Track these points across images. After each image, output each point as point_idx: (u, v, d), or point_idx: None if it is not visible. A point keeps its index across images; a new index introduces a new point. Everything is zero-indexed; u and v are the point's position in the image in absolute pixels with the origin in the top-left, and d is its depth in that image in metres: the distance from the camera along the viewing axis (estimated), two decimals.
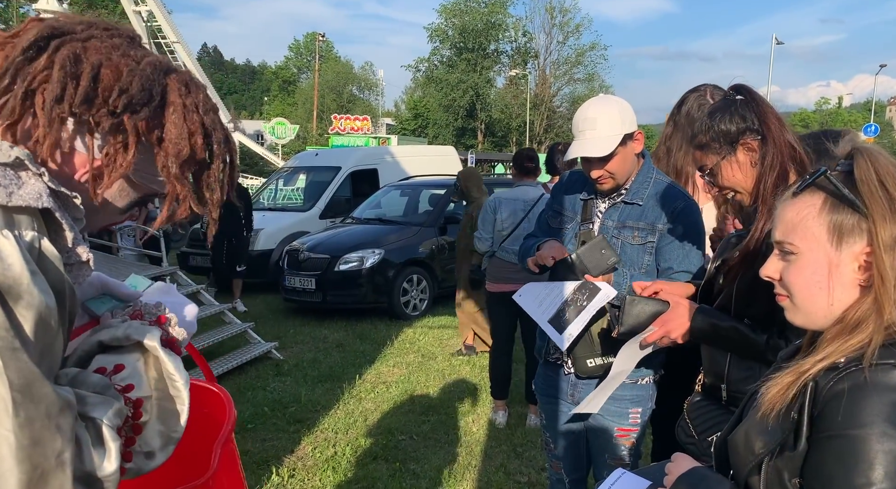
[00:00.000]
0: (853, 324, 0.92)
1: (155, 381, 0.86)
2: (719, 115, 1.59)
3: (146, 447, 0.85)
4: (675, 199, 2.01)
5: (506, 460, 3.63)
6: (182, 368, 0.87)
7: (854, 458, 0.84)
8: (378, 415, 4.32)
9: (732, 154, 1.57)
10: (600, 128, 1.95)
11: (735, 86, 1.65)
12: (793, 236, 0.98)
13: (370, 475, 3.44)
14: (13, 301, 0.66)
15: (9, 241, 0.68)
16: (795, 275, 0.98)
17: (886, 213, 0.91)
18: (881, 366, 0.87)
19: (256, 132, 35.74)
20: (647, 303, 1.68)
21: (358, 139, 28.04)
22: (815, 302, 0.97)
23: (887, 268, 0.90)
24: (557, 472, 2.28)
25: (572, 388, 2.12)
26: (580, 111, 2.03)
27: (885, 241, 0.90)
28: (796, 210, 0.98)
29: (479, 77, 43.40)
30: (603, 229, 2.06)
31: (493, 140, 45.60)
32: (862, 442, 0.83)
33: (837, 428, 0.86)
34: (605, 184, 2.03)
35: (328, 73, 49.31)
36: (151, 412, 0.85)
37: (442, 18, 44.18)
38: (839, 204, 0.94)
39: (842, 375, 0.88)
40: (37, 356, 0.68)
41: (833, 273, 0.95)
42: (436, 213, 7.94)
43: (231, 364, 4.97)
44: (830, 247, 0.94)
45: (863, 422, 0.84)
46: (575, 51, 44.17)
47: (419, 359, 5.61)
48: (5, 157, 0.73)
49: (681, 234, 1.98)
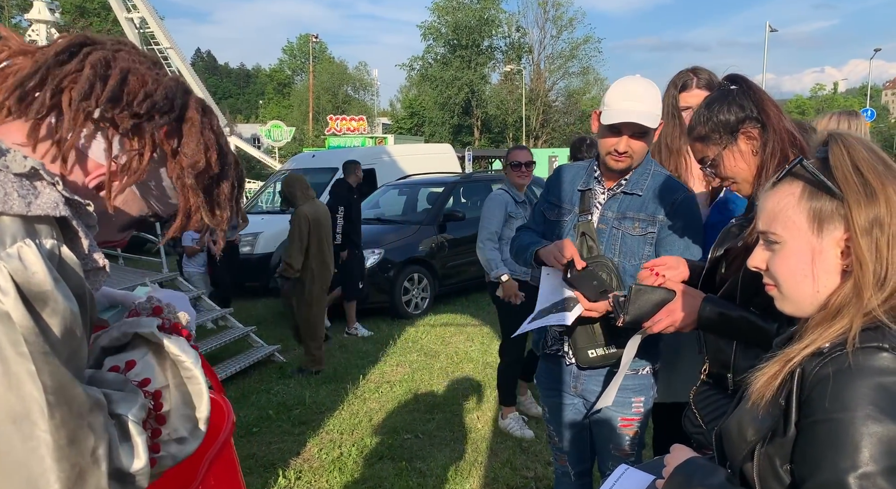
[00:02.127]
0: (835, 310, 0.93)
1: (170, 368, 0.88)
2: (717, 105, 1.58)
3: (175, 434, 0.87)
4: (674, 191, 2.01)
5: (511, 456, 3.64)
6: (188, 348, 0.89)
7: (840, 442, 0.84)
8: (383, 414, 4.32)
9: (734, 143, 1.56)
10: (647, 102, 1.94)
11: (729, 76, 1.64)
12: (775, 225, 0.98)
13: (377, 475, 3.44)
14: (40, 307, 0.69)
15: (31, 250, 0.70)
16: (780, 264, 0.99)
17: (861, 197, 0.91)
18: (865, 350, 0.87)
19: (253, 136, 35.72)
20: (653, 292, 1.67)
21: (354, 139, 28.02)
22: (801, 290, 0.97)
23: (864, 252, 0.91)
24: (563, 465, 2.28)
25: (574, 380, 2.12)
26: (621, 85, 1.98)
27: (860, 225, 0.91)
28: (776, 199, 0.99)
29: (473, 74, 43.35)
30: (603, 220, 2.06)
31: (489, 136, 45.56)
32: (847, 425, 0.84)
33: (823, 412, 0.87)
34: (623, 162, 1.99)
35: (323, 75, 49.27)
36: (171, 400, 0.87)
37: (435, 16, 44.18)
38: (817, 191, 0.95)
39: (826, 360, 0.89)
40: (65, 359, 0.71)
41: (816, 260, 0.95)
42: (435, 211, 7.94)
43: (234, 368, 4.98)
44: (812, 234, 0.95)
45: (848, 405, 0.85)
46: (569, 44, 44.18)
47: (422, 357, 5.62)
48: (20, 167, 0.74)
49: (681, 225, 1.98)
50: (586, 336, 2.01)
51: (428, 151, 12.80)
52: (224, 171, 0.92)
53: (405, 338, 6.28)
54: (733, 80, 1.63)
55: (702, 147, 1.62)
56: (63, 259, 0.74)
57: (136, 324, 0.89)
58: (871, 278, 0.90)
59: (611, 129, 1.97)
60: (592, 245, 2.03)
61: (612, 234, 2.03)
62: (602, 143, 2.02)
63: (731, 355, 1.59)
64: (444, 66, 43.97)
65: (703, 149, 1.62)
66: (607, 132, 1.99)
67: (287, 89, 57.91)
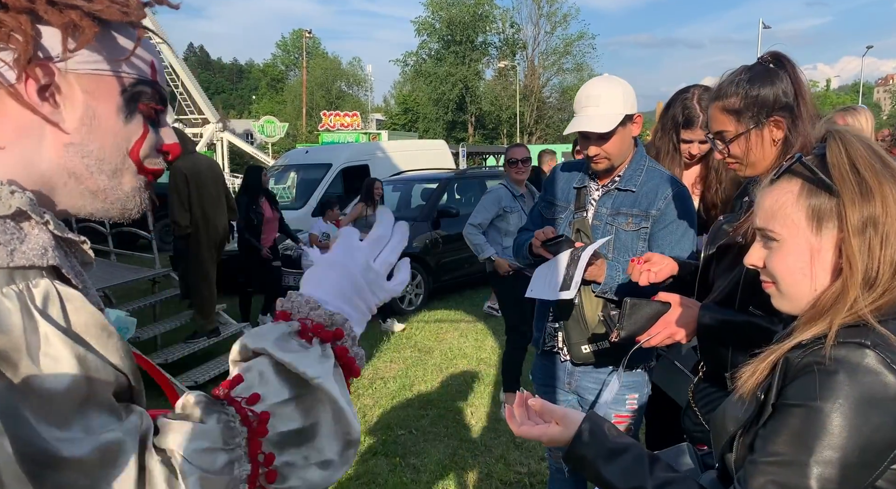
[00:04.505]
0: (821, 309, 0.93)
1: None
2: (759, 82, 1.50)
3: (317, 457, 0.70)
4: (667, 186, 2.02)
5: (505, 451, 3.65)
6: (321, 359, 0.72)
7: (807, 427, 0.86)
8: (377, 410, 4.33)
9: (762, 126, 1.50)
10: (603, 105, 1.95)
11: (775, 54, 1.55)
12: (773, 223, 0.98)
13: (371, 471, 3.45)
14: (10, 369, 0.57)
15: (9, 301, 0.58)
16: (778, 262, 0.98)
17: (856, 195, 0.91)
18: (846, 345, 0.88)
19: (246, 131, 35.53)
20: (647, 305, 1.65)
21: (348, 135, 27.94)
22: (799, 288, 0.97)
23: (855, 252, 0.90)
24: (557, 461, 2.29)
25: (569, 377, 2.13)
26: (583, 88, 2.03)
27: (853, 224, 0.90)
28: (775, 197, 0.98)
29: (467, 70, 43.29)
30: (597, 216, 2.07)
31: (483, 133, 45.53)
32: (817, 414, 0.86)
33: (797, 398, 0.89)
34: (601, 164, 2.02)
35: (316, 70, 49.08)
36: (318, 415, 0.70)
37: (429, 11, 44.05)
38: (816, 188, 0.95)
39: (809, 352, 0.90)
40: (59, 413, 0.58)
41: (815, 258, 0.95)
42: (428, 208, 7.93)
43: (228, 365, 4.95)
44: (810, 232, 0.95)
45: (822, 396, 0.86)
46: (563, 41, 44.13)
47: (416, 353, 5.62)
48: (5, 208, 0.63)
49: (673, 220, 1.99)
50: (579, 332, 2.02)
51: (422, 147, 12.78)
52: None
53: (399, 334, 6.28)
54: (778, 60, 1.54)
55: (725, 119, 1.54)
56: (63, 297, 0.63)
57: (257, 337, 0.72)
58: (860, 278, 0.90)
59: (581, 136, 2.01)
60: (587, 241, 2.04)
61: (605, 230, 2.04)
62: (580, 146, 2.07)
63: (728, 353, 1.58)
64: (438, 61, 43.89)
65: (725, 121, 1.54)
66: (580, 138, 2.03)
67: (280, 85, 57.65)
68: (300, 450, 0.69)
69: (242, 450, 0.66)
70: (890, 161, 0.94)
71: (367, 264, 0.81)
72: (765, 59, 1.56)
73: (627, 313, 1.65)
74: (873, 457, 0.84)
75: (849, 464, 0.84)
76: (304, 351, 0.71)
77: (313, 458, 0.70)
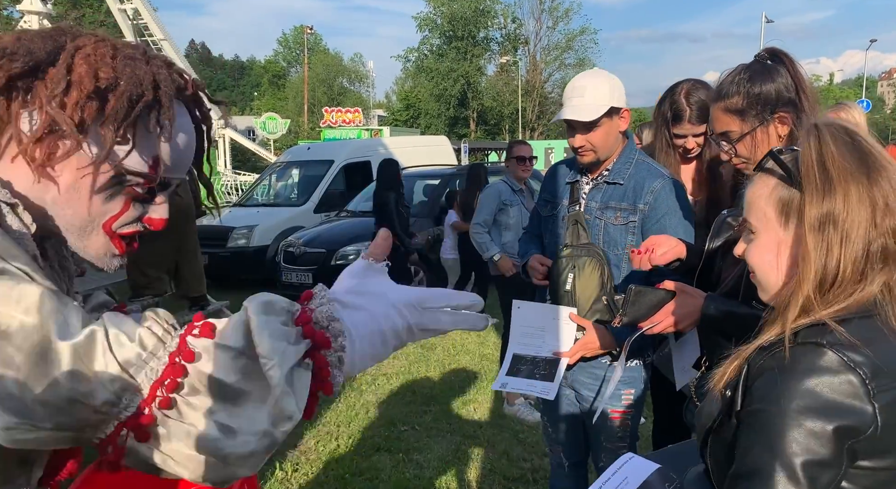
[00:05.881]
0: (782, 306, 0.93)
1: None
2: (760, 79, 1.49)
3: (224, 419, 0.68)
4: (654, 179, 2.01)
5: (508, 447, 3.65)
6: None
7: (769, 432, 0.86)
8: (380, 407, 4.33)
9: (767, 123, 1.49)
10: (588, 96, 1.97)
11: (771, 50, 1.55)
12: (750, 215, 0.99)
13: (374, 467, 3.45)
14: None
15: None
16: (754, 254, 1.00)
17: (816, 191, 0.89)
18: (804, 346, 0.87)
19: (248, 128, 35.56)
20: (652, 293, 1.64)
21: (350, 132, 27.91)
22: (769, 281, 0.98)
23: (810, 248, 0.89)
24: (557, 456, 2.30)
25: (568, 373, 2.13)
26: (571, 81, 2.08)
27: (810, 220, 0.89)
28: (753, 190, 1.00)
29: (469, 65, 43.21)
30: (587, 210, 2.07)
31: (485, 129, 45.47)
32: (778, 417, 0.85)
33: (759, 402, 0.89)
34: (586, 156, 2.03)
35: (318, 66, 49.07)
36: None
37: (430, 7, 43.94)
38: (788, 184, 0.95)
39: (769, 354, 0.90)
40: None
41: (781, 253, 0.95)
42: (430, 204, 7.93)
43: None
44: (779, 226, 0.95)
45: (780, 398, 0.86)
46: (565, 36, 44.03)
47: (419, 349, 5.63)
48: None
49: (664, 213, 1.98)
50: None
51: (424, 143, 12.76)
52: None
53: None
54: (775, 55, 1.53)
55: (729, 120, 1.53)
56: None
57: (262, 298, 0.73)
58: (812, 275, 0.89)
59: (567, 127, 2.04)
60: (583, 233, 2.06)
61: (595, 224, 2.05)
62: (567, 138, 2.09)
63: (731, 348, 1.58)
64: (440, 57, 43.81)
65: (729, 121, 1.53)
66: (567, 129, 2.06)
67: (282, 81, 57.64)
68: (214, 402, 0.68)
69: (159, 361, 0.68)
70: (875, 159, 0.91)
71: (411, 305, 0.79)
72: (762, 56, 1.55)
73: (632, 300, 1.65)
74: (835, 457, 0.84)
75: (813, 464, 0.83)
76: (280, 328, 0.70)
77: (219, 418, 0.68)
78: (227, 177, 24.04)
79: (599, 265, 1.98)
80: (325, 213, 8.92)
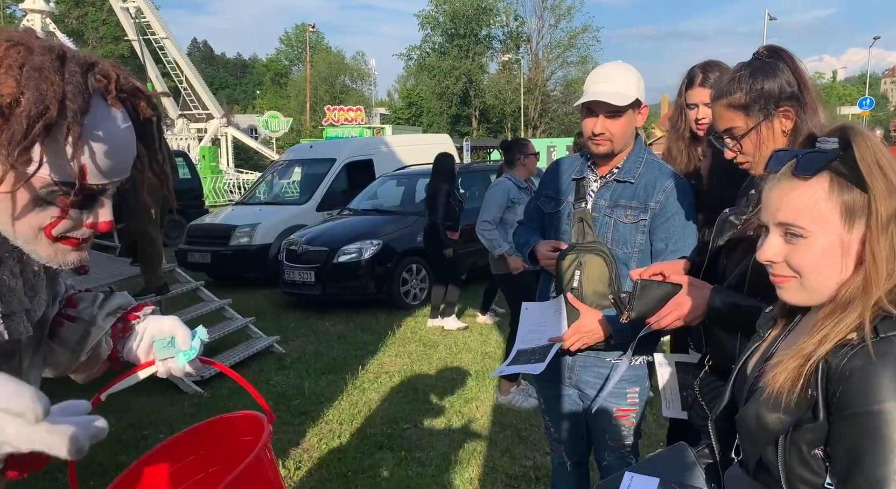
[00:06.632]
0: (844, 303, 0.93)
1: None
2: (762, 75, 1.49)
3: None
4: (666, 178, 2.01)
5: (510, 445, 3.65)
6: None
7: (879, 433, 0.85)
8: (382, 404, 4.34)
9: (772, 119, 1.49)
10: (617, 83, 1.98)
11: (771, 47, 1.55)
12: (802, 219, 0.97)
13: (376, 464, 3.46)
14: None
15: None
16: (805, 257, 0.98)
17: (885, 191, 0.92)
18: (890, 339, 0.88)
19: (250, 126, 35.57)
20: (658, 286, 1.63)
21: (352, 130, 27.93)
22: (826, 282, 0.97)
23: (881, 247, 0.91)
24: (559, 455, 2.29)
25: (570, 371, 2.13)
26: (597, 68, 2.07)
27: (882, 219, 0.92)
28: (801, 192, 0.97)
29: (471, 63, 43.18)
30: (596, 208, 2.06)
31: (487, 127, 45.46)
32: (884, 416, 0.85)
33: (857, 405, 0.87)
34: (602, 145, 2.01)
35: (320, 65, 49.08)
36: None
37: (432, 5, 43.91)
38: (848, 184, 0.95)
39: (853, 353, 0.89)
40: None
41: (846, 254, 0.96)
42: None
43: (233, 359, 4.98)
44: (843, 228, 0.95)
45: (881, 397, 0.85)
46: (567, 34, 43.98)
47: (421, 348, 5.63)
48: None
49: (674, 213, 1.98)
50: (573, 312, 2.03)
51: (426, 142, 12.74)
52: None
53: (404, 328, 6.29)
54: (774, 52, 1.53)
55: (733, 115, 1.52)
56: None
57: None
58: (885, 273, 0.91)
59: (587, 112, 2.02)
60: (589, 231, 2.05)
61: (604, 221, 2.04)
62: (583, 128, 2.07)
63: (736, 347, 1.57)
64: (442, 55, 43.78)
65: (732, 118, 1.53)
66: (585, 115, 2.04)
67: (284, 80, 57.63)
68: None
69: None
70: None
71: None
72: (761, 54, 1.55)
73: (638, 295, 1.63)
74: None
75: None
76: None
77: None
78: (230, 175, 24.05)
79: (606, 263, 1.98)
80: (328, 212, 8.91)
